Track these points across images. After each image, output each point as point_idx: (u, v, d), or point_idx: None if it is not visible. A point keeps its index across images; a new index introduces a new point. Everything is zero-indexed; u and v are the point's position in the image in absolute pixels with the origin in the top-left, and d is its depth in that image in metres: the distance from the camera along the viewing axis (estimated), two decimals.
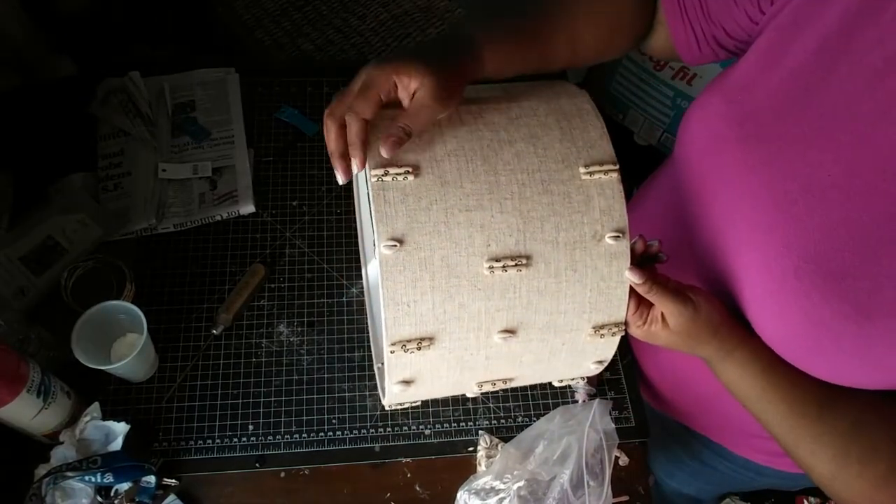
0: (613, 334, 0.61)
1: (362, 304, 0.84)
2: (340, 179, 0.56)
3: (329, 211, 0.90)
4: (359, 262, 0.86)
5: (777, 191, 0.53)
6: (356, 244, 0.87)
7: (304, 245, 0.87)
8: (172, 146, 0.91)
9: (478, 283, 0.56)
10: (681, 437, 0.87)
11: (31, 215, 0.78)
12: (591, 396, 0.80)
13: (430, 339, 0.57)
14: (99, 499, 0.66)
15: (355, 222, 0.88)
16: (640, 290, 0.56)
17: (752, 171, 0.55)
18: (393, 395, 0.64)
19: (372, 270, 0.83)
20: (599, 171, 0.57)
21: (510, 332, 0.58)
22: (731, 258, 0.58)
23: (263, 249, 0.86)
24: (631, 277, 0.56)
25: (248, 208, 0.88)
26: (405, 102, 0.54)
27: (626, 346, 0.85)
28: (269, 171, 0.92)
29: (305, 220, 0.89)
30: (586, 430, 0.66)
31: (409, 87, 0.53)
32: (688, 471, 0.91)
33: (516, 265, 0.55)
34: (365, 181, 0.59)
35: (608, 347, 0.64)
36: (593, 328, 0.60)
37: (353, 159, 0.54)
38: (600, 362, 0.66)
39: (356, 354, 0.80)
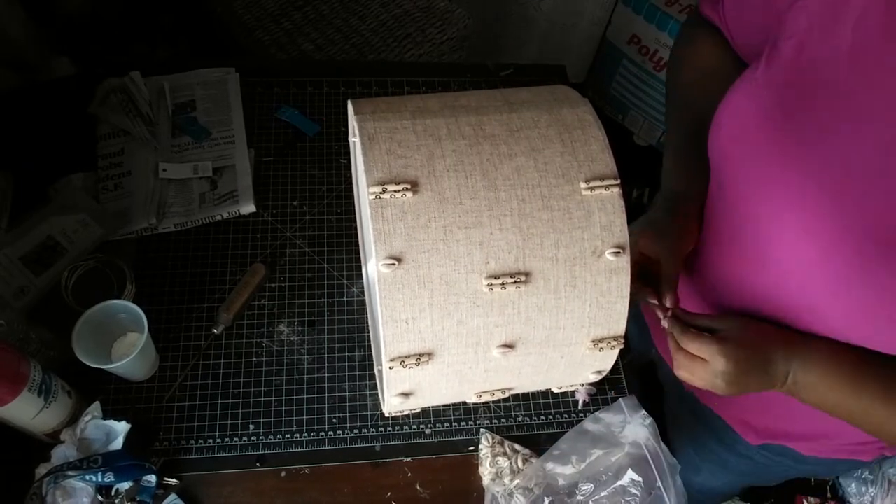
0: (612, 347, 0.61)
1: (362, 303, 0.84)
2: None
3: (329, 211, 0.90)
4: (359, 261, 0.87)
5: (824, 179, 0.52)
6: (356, 244, 0.88)
7: (304, 245, 0.87)
8: (173, 146, 0.91)
9: (477, 301, 0.55)
10: (716, 427, 0.84)
11: (31, 215, 0.78)
12: (592, 396, 0.81)
13: (429, 354, 0.57)
14: (100, 498, 0.66)
15: (355, 222, 0.88)
16: (687, 318, 0.63)
17: (793, 165, 0.55)
18: (392, 406, 0.64)
19: (372, 270, 0.84)
20: (600, 187, 0.57)
21: (509, 346, 0.58)
22: (785, 256, 0.58)
23: (264, 249, 0.86)
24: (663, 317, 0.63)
25: (249, 208, 0.88)
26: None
27: (626, 346, 0.84)
28: (270, 171, 0.93)
29: (305, 219, 0.89)
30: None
31: (655, 255, 0.66)
32: (717, 461, 0.88)
33: (515, 282, 0.55)
34: (365, 188, 0.59)
35: (607, 359, 0.64)
36: (592, 342, 0.60)
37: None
38: (599, 372, 0.66)
39: (356, 354, 0.80)
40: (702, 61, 0.75)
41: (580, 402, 0.80)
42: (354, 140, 0.69)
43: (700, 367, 0.59)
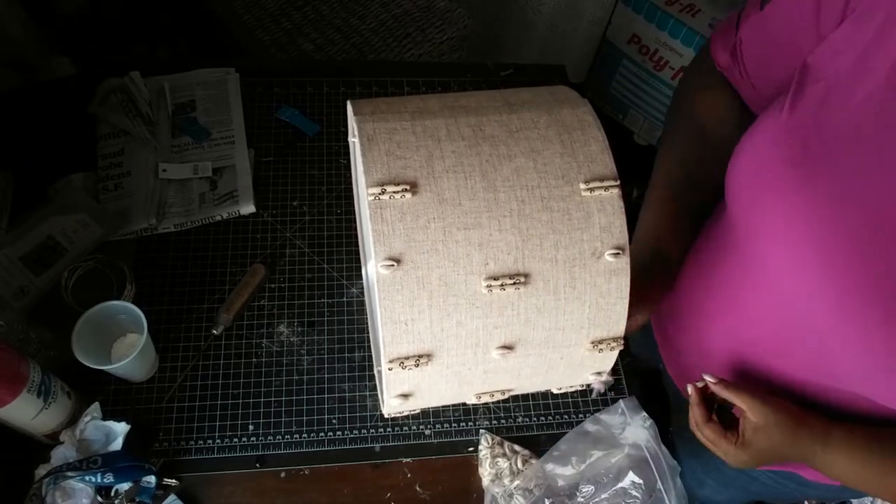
0: (612, 349, 0.61)
1: (362, 304, 0.84)
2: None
3: (329, 211, 0.90)
4: (359, 262, 0.86)
5: (843, 230, 0.51)
6: (356, 244, 0.87)
7: (304, 245, 0.87)
8: (172, 146, 0.91)
9: (476, 302, 0.55)
10: None
11: (31, 215, 0.78)
12: (609, 388, 0.80)
13: (428, 355, 0.57)
14: (99, 499, 0.66)
15: (355, 222, 0.88)
16: (716, 388, 0.60)
17: (812, 214, 0.53)
18: (392, 407, 0.64)
19: (371, 270, 0.83)
20: (600, 188, 0.57)
21: (508, 348, 0.58)
22: (794, 302, 0.57)
23: (264, 249, 0.86)
24: (708, 379, 0.61)
25: (249, 208, 0.88)
26: None
27: (626, 347, 0.85)
28: (269, 171, 0.92)
29: (305, 220, 0.89)
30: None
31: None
32: (722, 479, 0.87)
33: (514, 284, 0.55)
34: (364, 189, 0.59)
35: (607, 360, 0.64)
36: (592, 343, 0.60)
37: None
38: (599, 373, 0.66)
39: (356, 354, 0.80)
40: (706, 114, 0.71)
41: (594, 392, 0.80)
42: (354, 141, 0.69)
43: (713, 447, 0.61)
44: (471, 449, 0.76)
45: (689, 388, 0.62)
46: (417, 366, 0.57)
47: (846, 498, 0.85)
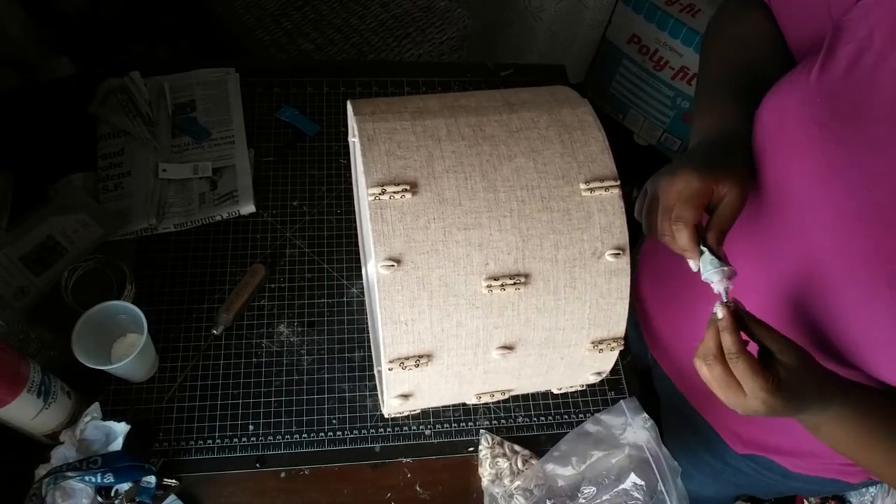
0: (612, 349, 0.61)
1: (362, 304, 0.84)
2: (694, 267, 0.56)
3: (329, 211, 0.90)
4: (359, 262, 0.86)
5: (861, 196, 0.51)
6: (356, 244, 0.87)
7: (304, 245, 0.87)
8: (172, 146, 0.91)
9: (476, 302, 0.55)
10: (706, 437, 0.84)
11: (31, 215, 0.78)
12: (609, 388, 0.80)
13: (429, 356, 0.57)
14: (99, 499, 0.66)
15: (355, 222, 0.88)
16: (753, 324, 0.52)
17: (835, 177, 0.52)
18: (392, 408, 0.64)
19: (371, 271, 0.84)
20: (600, 188, 0.57)
21: (508, 348, 0.58)
22: (814, 268, 0.56)
23: (263, 249, 0.86)
24: (740, 307, 0.53)
25: (249, 208, 0.88)
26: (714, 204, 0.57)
27: (626, 347, 0.84)
28: (269, 171, 0.92)
29: (305, 220, 0.89)
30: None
31: (721, 192, 0.56)
32: (708, 471, 0.87)
33: (515, 284, 0.55)
34: (365, 189, 0.59)
35: (607, 361, 0.64)
36: (592, 343, 0.60)
37: (689, 261, 0.55)
38: (599, 373, 0.66)
39: (356, 354, 0.80)
40: (750, 39, 0.69)
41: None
42: (354, 141, 0.69)
43: (733, 392, 0.51)
44: (471, 449, 0.76)
45: (720, 311, 0.51)
46: (417, 366, 0.57)
47: (830, 492, 0.84)
